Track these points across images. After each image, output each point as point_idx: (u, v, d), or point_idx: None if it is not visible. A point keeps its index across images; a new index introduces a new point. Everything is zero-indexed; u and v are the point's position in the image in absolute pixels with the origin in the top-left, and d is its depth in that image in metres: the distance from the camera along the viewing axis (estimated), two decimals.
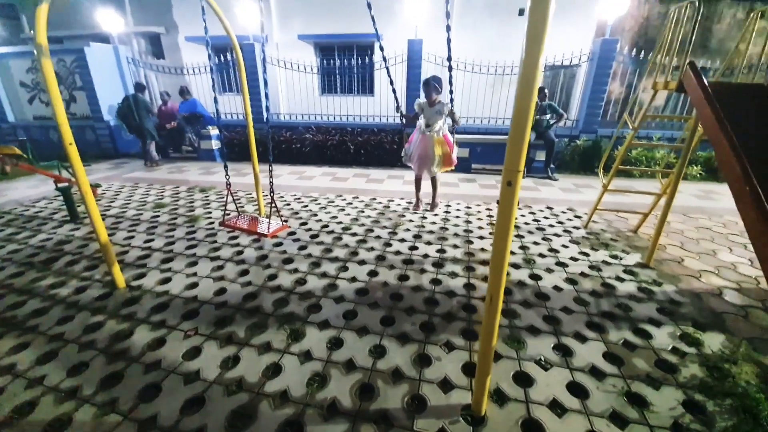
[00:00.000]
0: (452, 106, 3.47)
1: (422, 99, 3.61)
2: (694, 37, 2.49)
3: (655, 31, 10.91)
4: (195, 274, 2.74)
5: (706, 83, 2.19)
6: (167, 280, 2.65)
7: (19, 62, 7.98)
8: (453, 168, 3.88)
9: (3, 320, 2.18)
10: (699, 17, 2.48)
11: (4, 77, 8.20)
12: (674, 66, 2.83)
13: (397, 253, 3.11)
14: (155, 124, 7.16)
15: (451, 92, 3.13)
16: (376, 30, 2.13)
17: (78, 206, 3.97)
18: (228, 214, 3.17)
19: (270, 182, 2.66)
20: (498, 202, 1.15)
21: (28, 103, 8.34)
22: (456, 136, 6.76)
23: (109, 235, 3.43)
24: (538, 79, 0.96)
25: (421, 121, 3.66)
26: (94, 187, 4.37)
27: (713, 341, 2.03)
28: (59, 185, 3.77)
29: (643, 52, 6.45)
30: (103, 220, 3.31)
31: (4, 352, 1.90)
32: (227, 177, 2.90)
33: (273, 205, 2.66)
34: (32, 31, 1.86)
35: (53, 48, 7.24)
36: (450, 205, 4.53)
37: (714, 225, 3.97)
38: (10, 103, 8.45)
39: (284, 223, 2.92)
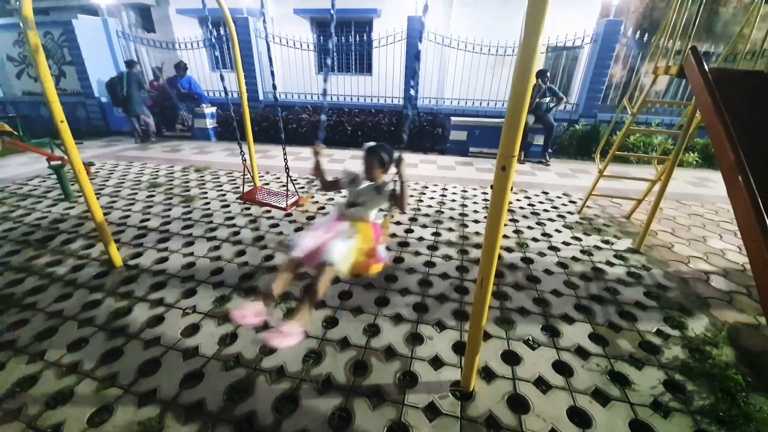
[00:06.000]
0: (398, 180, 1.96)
1: (358, 170, 2.20)
2: (698, 21, 2.44)
3: (660, 12, 10.65)
4: (192, 254, 2.75)
5: (707, 69, 2.17)
6: (164, 260, 2.66)
7: (5, 35, 7.68)
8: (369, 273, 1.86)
9: (1, 297, 2.21)
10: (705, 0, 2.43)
11: None
12: (677, 50, 2.78)
13: (393, 235, 3.14)
14: (145, 100, 6.99)
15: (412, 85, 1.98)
16: None
17: (72, 185, 3.94)
18: (250, 183, 3.72)
19: (285, 160, 2.92)
20: (492, 187, 1.16)
21: (16, 78, 8.09)
22: (454, 118, 6.73)
23: (105, 214, 3.42)
24: (537, 61, 0.95)
25: (342, 199, 2.20)
26: (88, 165, 4.31)
27: (697, 325, 2.10)
28: (52, 163, 3.72)
29: (647, 35, 6.32)
30: (98, 199, 3.30)
31: (3, 328, 1.93)
32: (242, 153, 3.10)
33: (288, 179, 2.90)
34: (17, 2, 1.79)
35: (39, 20, 6.97)
36: (446, 189, 4.54)
37: (706, 212, 4.02)
38: None
39: (301, 197, 3.07)
